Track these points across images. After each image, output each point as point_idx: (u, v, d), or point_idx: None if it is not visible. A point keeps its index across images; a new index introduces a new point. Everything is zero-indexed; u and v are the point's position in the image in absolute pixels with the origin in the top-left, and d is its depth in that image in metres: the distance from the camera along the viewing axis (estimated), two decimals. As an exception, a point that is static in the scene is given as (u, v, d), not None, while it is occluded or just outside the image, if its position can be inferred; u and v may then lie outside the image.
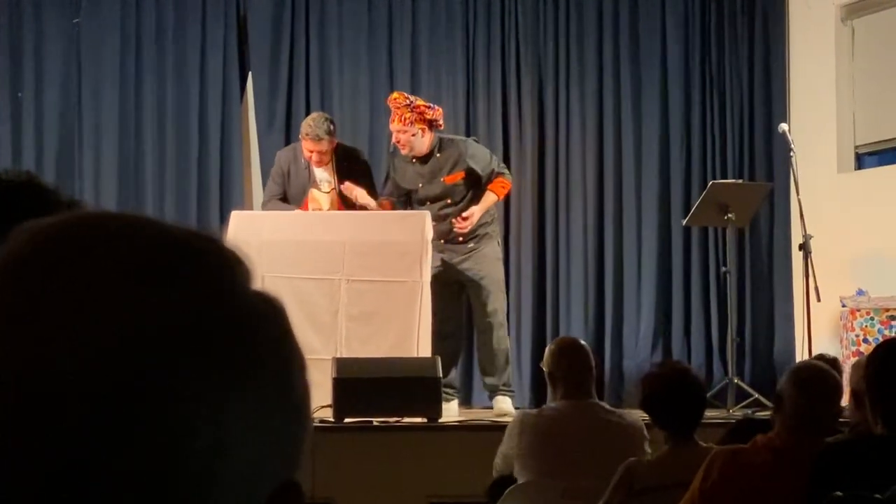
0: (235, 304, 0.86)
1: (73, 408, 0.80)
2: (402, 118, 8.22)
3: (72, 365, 0.80)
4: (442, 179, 8.28)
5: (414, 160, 8.34)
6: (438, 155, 8.31)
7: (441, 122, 8.40)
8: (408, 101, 8.27)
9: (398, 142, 8.31)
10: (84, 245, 0.85)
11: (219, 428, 0.82)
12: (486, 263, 8.32)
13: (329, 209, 8.27)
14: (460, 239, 8.26)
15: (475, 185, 8.31)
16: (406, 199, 8.48)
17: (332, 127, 8.30)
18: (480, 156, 8.38)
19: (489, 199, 8.30)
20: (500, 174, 8.36)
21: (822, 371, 4.47)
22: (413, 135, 8.23)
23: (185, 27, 9.80)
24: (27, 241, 0.86)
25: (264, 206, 8.55)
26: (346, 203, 8.32)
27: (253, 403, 0.85)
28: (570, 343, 5.79)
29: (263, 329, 0.87)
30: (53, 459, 0.80)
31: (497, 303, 8.34)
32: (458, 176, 8.28)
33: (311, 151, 8.26)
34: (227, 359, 0.84)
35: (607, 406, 5.62)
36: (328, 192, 8.31)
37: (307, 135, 8.24)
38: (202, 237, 0.88)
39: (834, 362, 6.02)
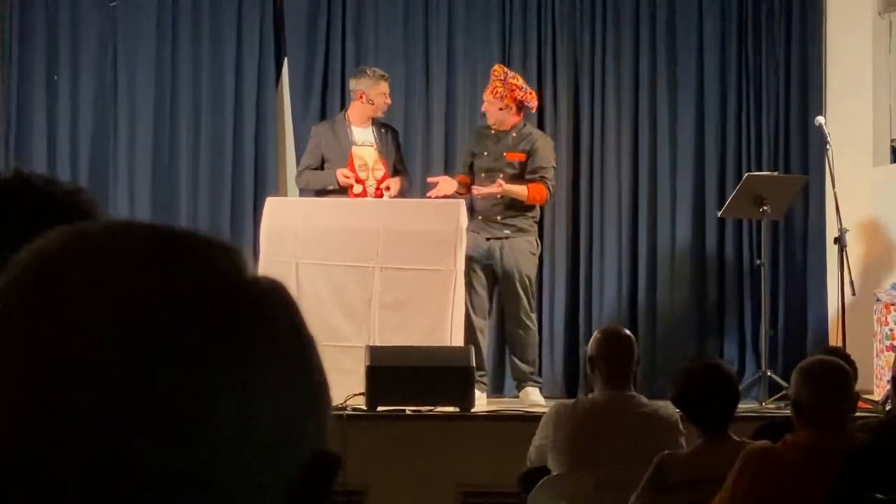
0: (243, 286, 0.89)
1: (98, 398, 0.83)
2: (494, 90, 8.40)
3: (92, 355, 0.83)
4: (504, 154, 8.34)
5: (494, 131, 8.45)
6: (514, 135, 8.41)
7: (533, 106, 8.59)
8: (503, 76, 8.44)
9: (485, 111, 8.48)
10: (87, 247, 0.88)
11: (240, 408, 0.85)
12: (519, 256, 8.33)
13: (374, 165, 8.30)
14: (498, 218, 8.28)
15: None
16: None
17: None
18: (543, 153, 8.43)
19: (521, 190, 8.30)
20: (542, 180, 8.37)
21: (831, 365, 4.46)
22: (500, 109, 8.38)
23: (221, 13, 9.81)
24: (43, 248, 0.89)
25: (298, 176, 8.65)
26: (387, 158, 8.41)
27: (270, 381, 0.87)
28: (612, 331, 5.80)
29: (272, 309, 0.90)
30: (85, 450, 0.83)
31: (524, 296, 8.35)
32: (518, 157, 8.36)
33: (386, 94, 8.45)
34: (239, 339, 0.87)
35: (643, 398, 5.60)
36: (372, 146, 8.39)
37: (383, 77, 8.44)
38: (201, 232, 0.92)
39: (836, 351, 6.03)
